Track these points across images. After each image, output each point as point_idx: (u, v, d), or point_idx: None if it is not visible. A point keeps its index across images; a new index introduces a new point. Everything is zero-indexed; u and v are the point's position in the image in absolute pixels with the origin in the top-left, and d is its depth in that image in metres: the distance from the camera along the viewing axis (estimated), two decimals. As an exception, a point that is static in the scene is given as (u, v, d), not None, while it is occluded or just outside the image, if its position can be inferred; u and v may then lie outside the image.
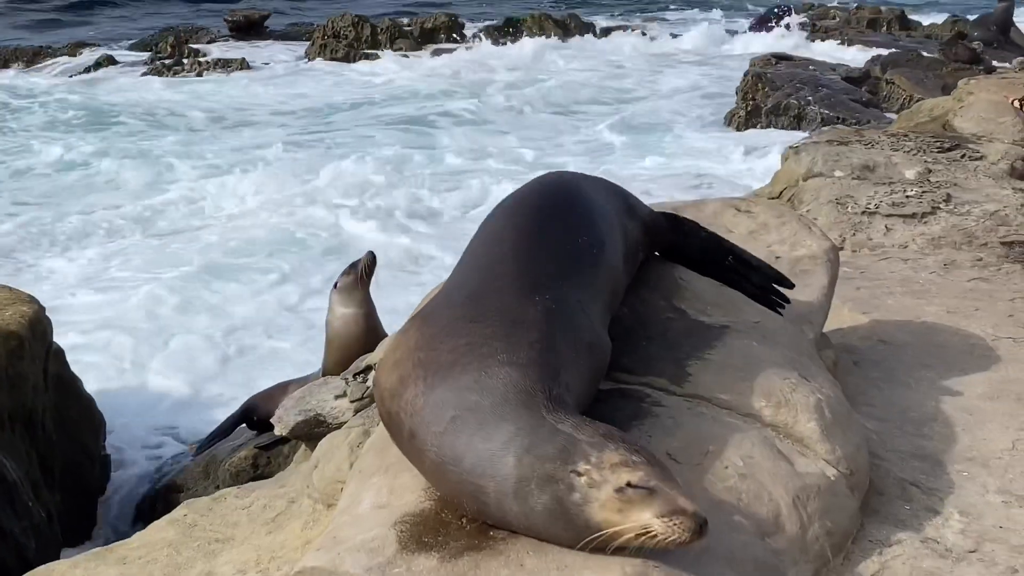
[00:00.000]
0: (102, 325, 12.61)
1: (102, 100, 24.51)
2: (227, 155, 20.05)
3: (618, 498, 3.09)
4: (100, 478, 9.28)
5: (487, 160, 19.31)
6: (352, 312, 8.47)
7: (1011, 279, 6.51)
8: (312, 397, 5.36)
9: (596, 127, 21.54)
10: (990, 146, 8.68)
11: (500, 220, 4.12)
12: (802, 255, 5.16)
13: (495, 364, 3.39)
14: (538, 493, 3.19)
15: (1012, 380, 5.17)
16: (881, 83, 21.78)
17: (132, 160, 19.59)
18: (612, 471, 3.11)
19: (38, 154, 20.24)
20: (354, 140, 21.04)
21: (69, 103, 24.14)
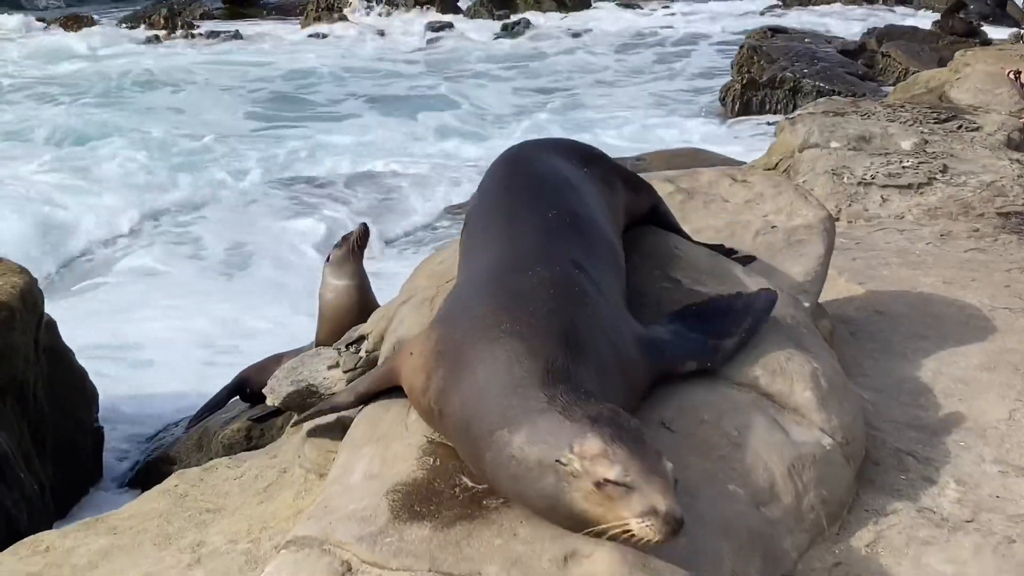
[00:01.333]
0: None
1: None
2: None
3: (598, 492, 3.02)
4: (93, 450, 9.24)
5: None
6: (344, 284, 8.42)
7: (1007, 249, 6.47)
8: (304, 367, 5.30)
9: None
10: (987, 117, 8.64)
11: (479, 208, 4.28)
12: (798, 224, 5.12)
13: (500, 335, 3.39)
14: (529, 475, 3.16)
15: (1009, 350, 5.14)
16: (877, 56, 21.72)
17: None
18: (592, 463, 3.02)
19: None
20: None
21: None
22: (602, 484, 3.00)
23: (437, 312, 3.90)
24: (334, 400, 4.12)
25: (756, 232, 5.09)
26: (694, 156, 16.93)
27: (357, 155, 18.34)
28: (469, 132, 19.99)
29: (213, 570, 3.78)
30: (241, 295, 12.73)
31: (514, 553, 3.15)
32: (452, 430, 3.45)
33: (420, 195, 15.99)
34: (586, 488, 3.03)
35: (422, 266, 4.95)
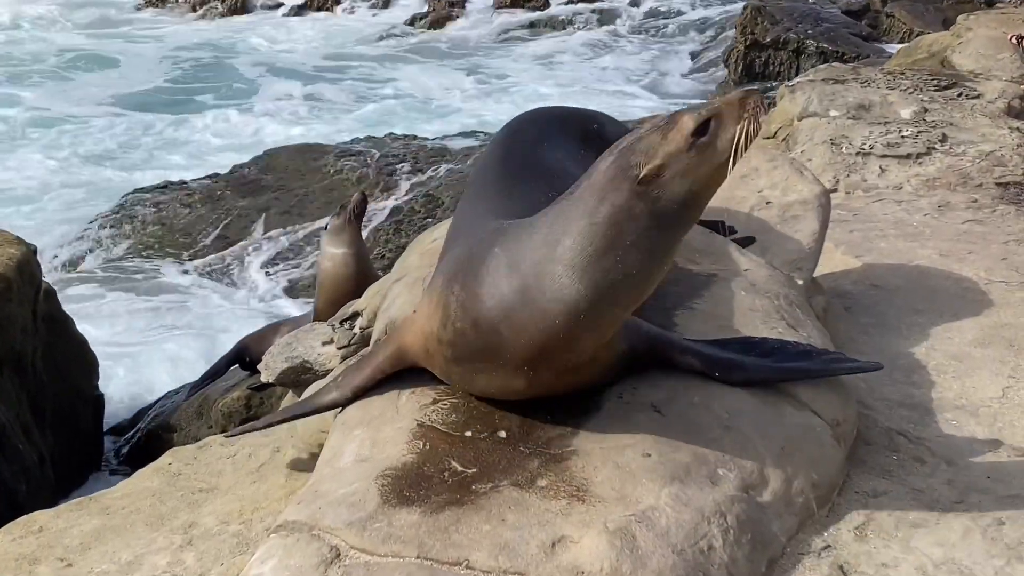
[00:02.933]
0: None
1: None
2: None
3: (697, 151, 3.13)
4: (93, 418, 9.29)
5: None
6: (342, 252, 8.44)
7: (1005, 221, 6.45)
8: (299, 343, 5.31)
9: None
10: (987, 84, 8.58)
11: (470, 190, 4.31)
12: (793, 200, 5.10)
13: (504, 229, 3.48)
14: (615, 214, 3.17)
15: (1004, 325, 5.13)
16: (881, 16, 21.56)
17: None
18: (664, 142, 3.14)
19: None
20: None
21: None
22: (692, 143, 3.13)
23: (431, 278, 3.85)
24: (324, 399, 3.92)
25: (751, 208, 5.08)
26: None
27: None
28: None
29: (204, 552, 3.80)
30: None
31: (502, 539, 3.16)
32: (495, 321, 3.37)
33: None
34: (685, 160, 3.13)
35: (414, 244, 4.95)
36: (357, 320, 5.21)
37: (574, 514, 3.24)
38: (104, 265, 13.17)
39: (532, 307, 3.30)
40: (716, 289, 4.31)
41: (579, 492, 3.33)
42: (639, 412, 3.65)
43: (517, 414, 3.62)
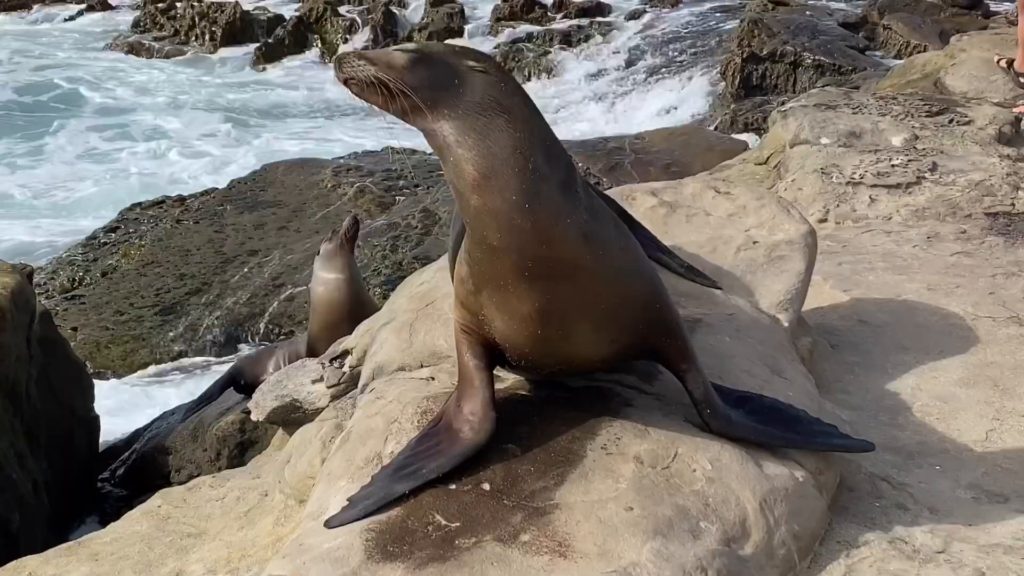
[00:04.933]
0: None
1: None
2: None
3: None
4: (88, 440, 9.33)
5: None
6: (335, 277, 8.48)
7: (993, 253, 6.48)
8: (289, 381, 5.35)
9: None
10: (979, 109, 8.61)
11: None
12: (780, 240, 5.12)
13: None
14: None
15: (989, 364, 5.16)
16: (878, 29, 21.62)
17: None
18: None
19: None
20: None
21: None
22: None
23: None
24: (458, 448, 3.65)
25: (738, 248, 5.10)
26: (694, 133, 16.95)
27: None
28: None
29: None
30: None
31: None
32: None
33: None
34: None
35: (403, 287, 4.98)
36: (347, 359, 5.24)
37: (556, 571, 3.27)
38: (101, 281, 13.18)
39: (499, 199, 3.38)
40: (701, 334, 4.34)
41: (561, 547, 3.36)
42: (623, 464, 3.68)
43: (501, 465, 3.65)
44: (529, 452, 3.71)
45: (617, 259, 3.62)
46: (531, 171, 3.36)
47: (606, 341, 3.70)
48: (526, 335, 3.63)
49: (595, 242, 3.51)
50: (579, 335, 3.64)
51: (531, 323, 3.58)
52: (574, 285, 3.52)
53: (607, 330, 3.67)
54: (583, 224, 3.47)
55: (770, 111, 17.03)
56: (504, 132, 3.36)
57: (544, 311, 3.54)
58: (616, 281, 3.61)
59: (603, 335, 3.68)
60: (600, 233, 3.54)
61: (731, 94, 20.26)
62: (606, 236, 3.58)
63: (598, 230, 3.53)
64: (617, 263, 3.62)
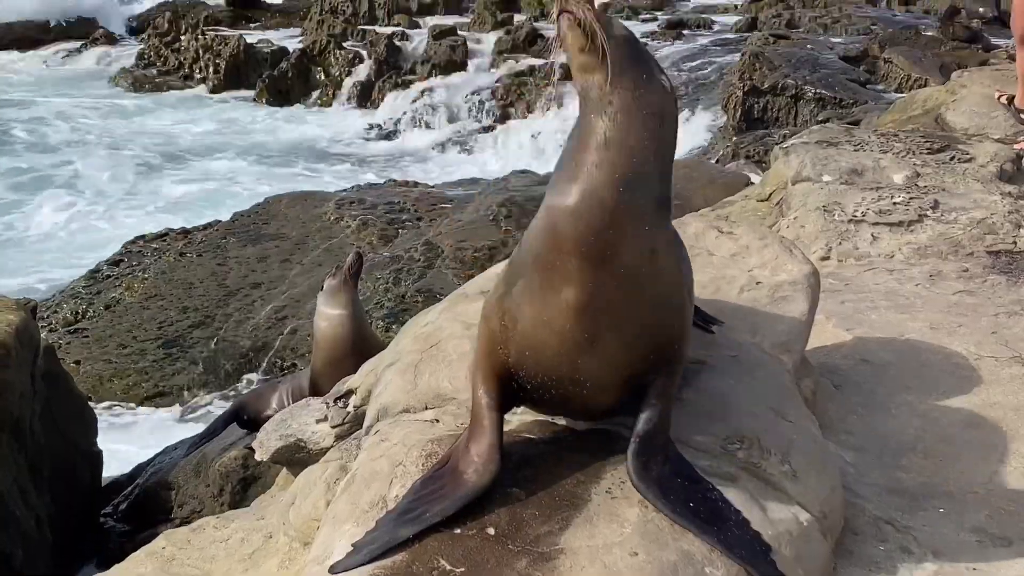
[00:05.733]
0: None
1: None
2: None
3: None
4: (91, 475, 9.32)
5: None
6: (338, 313, 8.48)
7: (996, 292, 6.50)
8: (293, 420, 5.37)
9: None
10: (980, 147, 8.64)
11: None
12: (783, 280, 5.14)
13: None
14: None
15: (992, 404, 5.17)
16: (879, 62, 21.71)
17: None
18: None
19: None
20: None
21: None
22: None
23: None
24: (462, 491, 3.67)
25: (741, 288, 5.12)
26: (696, 166, 16.98)
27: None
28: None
29: (196, 647, 3.83)
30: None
31: (489, 644, 3.19)
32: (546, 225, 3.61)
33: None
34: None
35: (408, 327, 4.99)
36: (351, 398, 5.26)
37: (562, 619, 3.27)
38: (104, 314, 13.21)
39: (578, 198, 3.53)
40: (704, 377, 4.35)
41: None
42: (628, 508, 3.68)
43: (505, 509, 3.66)
44: (534, 496, 3.71)
45: (667, 289, 3.71)
46: (644, 173, 3.53)
47: (621, 365, 3.71)
48: (556, 332, 3.63)
49: (657, 262, 3.61)
50: (603, 347, 3.65)
51: (566, 314, 3.60)
52: (621, 288, 3.57)
53: (628, 352, 3.69)
54: (655, 240, 3.59)
55: (772, 144, 17.13)
56: (650, 134, 3.53)
57: (584, 300, 3.57)
58: (656, 307, 3.68)
59: (622, 356, 3.69)
60: (665, 258, 3.66)
61: (733, 127, 20.34)
62: (668, 264, 3.69)
63: (665, 255, 3.65)
64: (665, 292, 3.70)
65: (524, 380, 3.78)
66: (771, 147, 15.57)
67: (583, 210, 3.51)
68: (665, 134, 3.60)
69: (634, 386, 3.76)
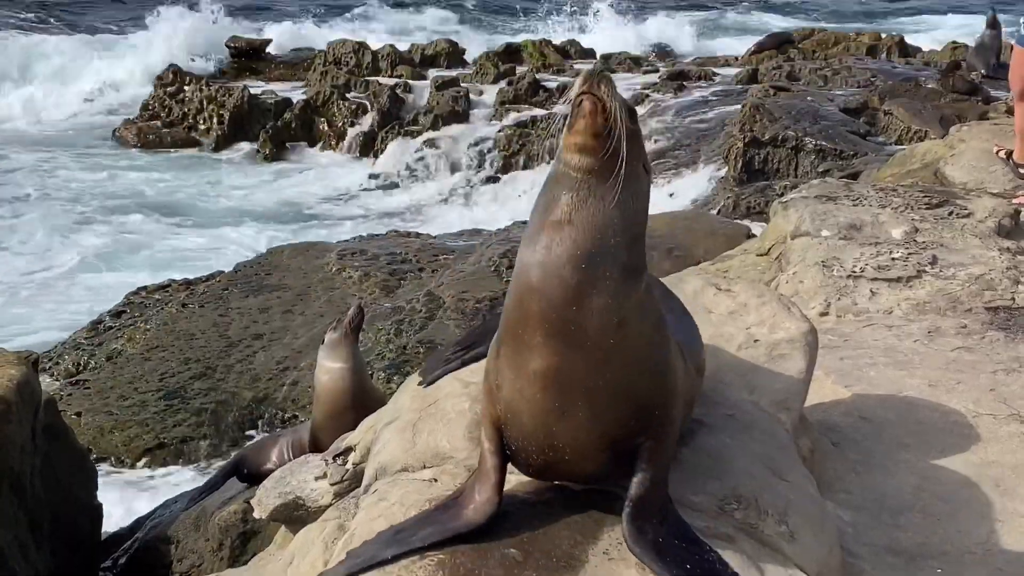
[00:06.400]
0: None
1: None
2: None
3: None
4: (91, 528, 9.30)
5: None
6: (339, 367, 8.49)
7: (994, 348, 6.52)
8: (292, 477, 5.37)
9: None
10: (978, 202, 8.69)
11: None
12: (780, 338, 5.16)
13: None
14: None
15: (990, 463, 5.19)
16: (879, 114, 21.77)
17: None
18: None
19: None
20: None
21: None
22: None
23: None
24: (457, 522, 3.78)
25: (739, 346, 5.14)
26: (697, 218, 17.03)
27: None
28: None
29: None
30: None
31: None
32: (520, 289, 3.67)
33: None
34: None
35: (407, 384, 5.01)
36: (350, 455, 5.27)
37: None
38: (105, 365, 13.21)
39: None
40: (702, 436, 4.37)
41: (562, 657, 3.36)
42: (625, 569, 3.69)
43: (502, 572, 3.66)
44: (531, 557, 3.72)
45: (640, 355, 3.68)
46: (609, 247, 3.53)
47: (598, 433, 3.70)
48: (527, 400, 3.67)
49: (626, 331, 3.59)
50: (576, 415, 3.65)
51: (535, 384, 3.63)
52: (587, 360, 3.58)
53: (603, 420, 3.68)
54: (623, 310, 3.57)
55: (772, 196, 17.18)
56: (620, 214, 3.54)
57: (551, 374, 3.60)
58: (630, 374, 3.66)
59: (598, 424, 3.68)
60: (636, 327, 3.63)
61: (733, 178, 20.38)
62: (641, 332, 3.66)
63: (636, 323, 3.63)
64: (639, 358, 3.68)
65: (509, 441, 3.81)
66: (772, 198, 15.64)
67: (545, 289, 3.55)
68: (637, 209, 3.61)
69: (620, 452, 3.76)
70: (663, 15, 39.28)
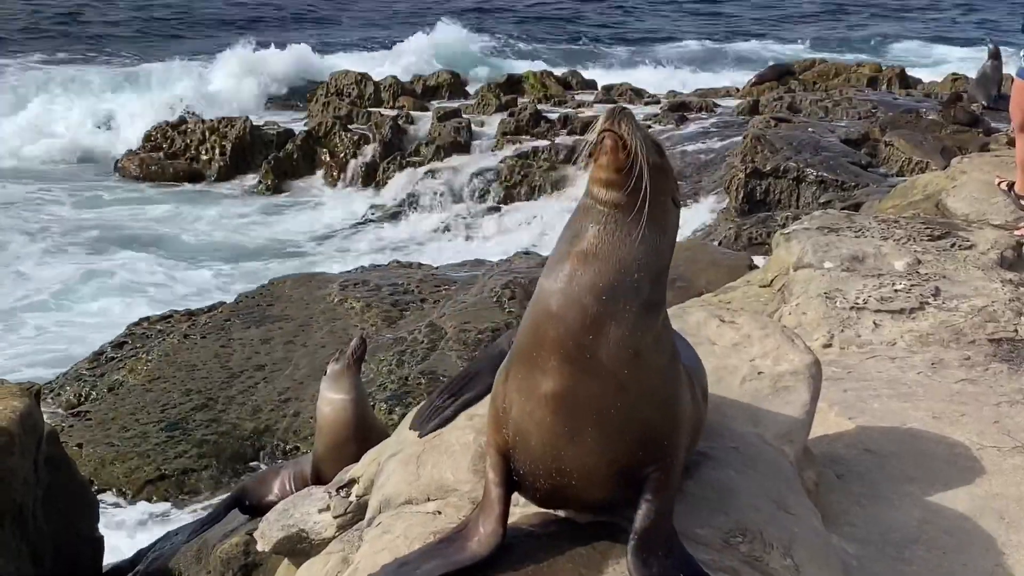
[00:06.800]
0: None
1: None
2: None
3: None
4: (93, 560, 9.29)
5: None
6: (341, 398, 8.49)
7: (998, 380, 6.51)
8: (295, 510, 5.36)
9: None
10: (980, 233, 8.69)
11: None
12: (784, 370, 5.16)
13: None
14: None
15: (994, 495, 5.17)
16: (880, 145, 21.82)
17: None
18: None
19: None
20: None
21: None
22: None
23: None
24: (461, 555, 3.79)
25: (743, 378, 5.14)
26: (699, 249, 17.05)
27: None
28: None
29: None
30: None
31: None
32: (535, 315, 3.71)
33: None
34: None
35: (411, 417, 4.99)
36: (354, 487, 5.26)
37: None
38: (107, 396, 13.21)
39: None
40: (706, 469, 4.36)
41: None
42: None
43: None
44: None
45: (653, 386, 3.71)
46: (632, 281, 3.59)
47: (607, 460, 3.71)
48: (536, 422, 3.69)
49: (641, 363, 3.63)
50: (585, 440, 3.67)
51: (546, 407, 3.66)
52: (600, 387, 3.62)
53: (613, 447, 3.70)
54: (639, 342, 3.62)
55: (774, 227, 17.21)
56: (647, 248, 3.60)
57: (562, 397, 3.63)
58: (641, 404, 3.68)
59: (607, 450, 3.70)
60: (651, 359, 3.67)
61: (735, 209, 20.41)
62: (656, 364, 3.70)
63: (651, 355, 3.67)
64: (651, 389, 3.71)
65: (517, 466, 3.82)
66: (773, 229, 15.66)
67: (564, 315, 3.59)
68: (663, 245, 3.66)
69: (627, 480, 3.77)
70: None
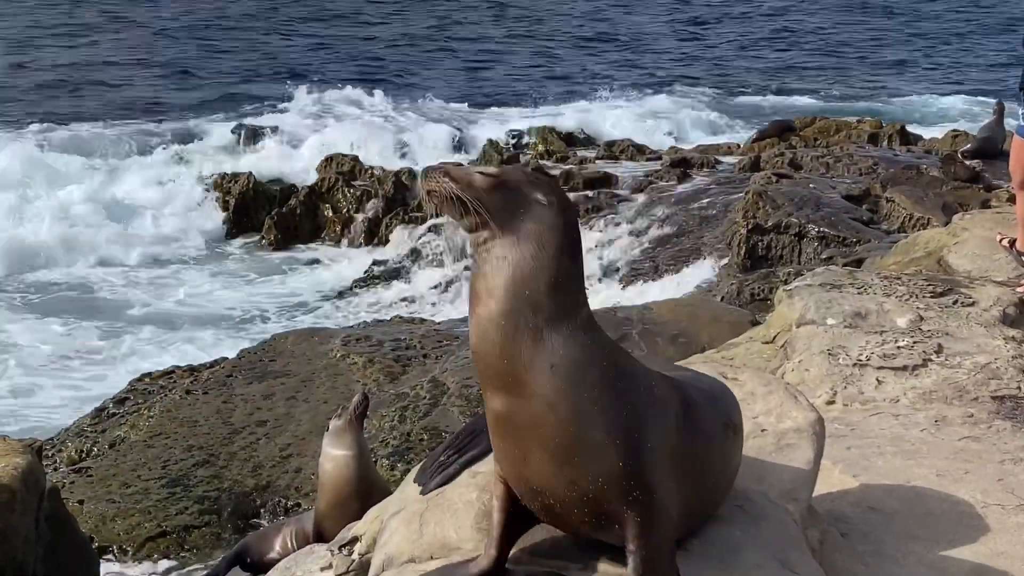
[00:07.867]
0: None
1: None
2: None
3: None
4: (93, 619, 9.24)
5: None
6: (343, 455, 8.49)
7: (1001, 438, 6.51)
8: (297, 568, 5.35)
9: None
10: (983, 290, 8.71)
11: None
12: (788, 428, 5.17)
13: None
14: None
15: (999, 554, 5.15)
16: (881, 201, 21.88)
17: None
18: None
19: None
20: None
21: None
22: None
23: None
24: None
25: (747, 435, 5.12)
26: (701, 304, 17.06)
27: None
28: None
29: None
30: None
31: None
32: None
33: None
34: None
35: (414, 474, 4.99)
36: (356, 545, 5.23)
37: None
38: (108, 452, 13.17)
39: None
40: (712, 527, 4.35)
41: None
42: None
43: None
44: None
45: (582, 404, 3.74)
46: (523, 298, 3.70)
47: (564, 480, 3.77)
48: (496, 448, 3.90)
49: (561, 377, 3.71)
50: (536, 462, 3.77)
51: (495, 434, 3.86)
52: (530, 408, 3.73)
53: (564, 469, 3.75)
54: (554, 356, 3.70)
55: (776, 282, 17.20)
56: (527, 259, 3.72)
57: (504, 423, 3.80)
58: (572, 423, 3.72)
59: (561, 472, 3.76)
60: (572, 372, 3.72)
61: (737, 264, 20.44)
62: (580, 378, 3.73)
63: (572, 368, 3.72)
64: (579, 408, 3.73)
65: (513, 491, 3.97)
66: (775, 285, 15.67)
67: (480, 350, 3.81)
68: (542, 253, 3.74)
69: (604, 515, 3.80)
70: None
